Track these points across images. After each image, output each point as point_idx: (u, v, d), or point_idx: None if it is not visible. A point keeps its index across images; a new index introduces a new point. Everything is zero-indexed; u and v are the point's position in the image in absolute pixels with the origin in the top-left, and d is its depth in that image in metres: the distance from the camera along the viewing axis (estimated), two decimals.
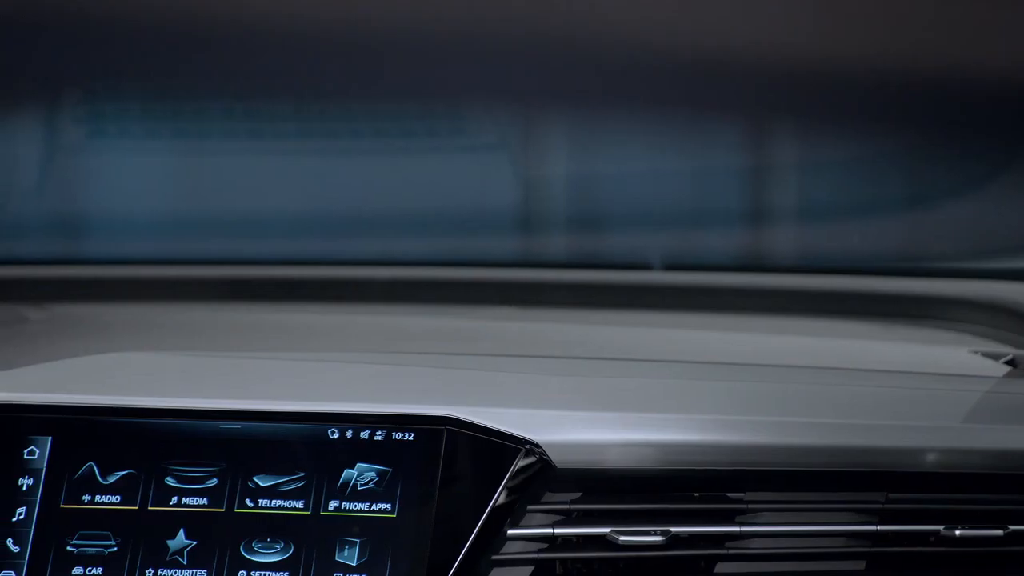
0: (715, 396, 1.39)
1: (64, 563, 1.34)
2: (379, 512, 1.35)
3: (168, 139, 1.93)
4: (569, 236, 1.94)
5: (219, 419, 1.38)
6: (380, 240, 1.92)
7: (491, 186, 1.92)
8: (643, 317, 1.75)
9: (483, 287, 1.83)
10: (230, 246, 1.91)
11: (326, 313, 1.77)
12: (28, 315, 1.69)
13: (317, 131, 1.92)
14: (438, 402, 1.38)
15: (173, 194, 1.94)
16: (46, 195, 1.93)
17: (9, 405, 1.37)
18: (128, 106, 1.91)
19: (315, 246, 1.92)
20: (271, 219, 1.92)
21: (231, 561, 1.34)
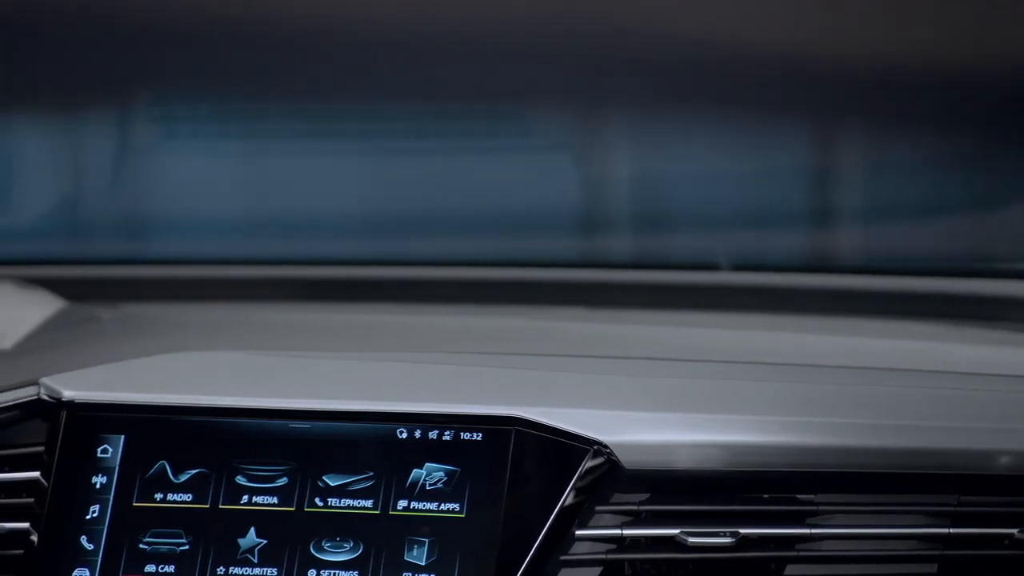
0: (785, 397, 1.38)
1: (137, 561, 1.33)
2: (447, 512, 1.34)
3: (237, 140, 1.93)
4: (634, 236, 1.93)
5: (289, 418, 1.37)
6: (446, 240, 1.92)
7: (556, 186, 1.91)
8: (710, 318, 1.73)
9: (549, 287, 1.82)
10: (298, 246, 1.91)
11: (393, 313, 1.77)
12: (101, 315, 1.69)
13: (382, 132, 1.92)
14: (506, 402, 1.36)
15: (242, 194, 1.94)
16: (118, 196, 1.93)
17: (83, 404, 1.37)
18: (199, 107, 1.92)
19: (381, 246, 1.92)
20: (338, 219, 1.92)
21: (301, 560, 1.33)
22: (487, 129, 1.92)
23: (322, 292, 1.85)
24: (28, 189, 1.93)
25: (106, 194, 1.94)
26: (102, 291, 1.81)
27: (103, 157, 1.92)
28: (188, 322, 1.67)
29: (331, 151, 1.93)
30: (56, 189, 1.94)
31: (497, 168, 1.92)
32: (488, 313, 1.76)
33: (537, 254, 1.90)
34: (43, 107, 1.90)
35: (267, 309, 1.79)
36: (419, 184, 1.93)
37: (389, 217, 1.92)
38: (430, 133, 1.92)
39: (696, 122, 1.86)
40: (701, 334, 1.62)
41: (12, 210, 1.93)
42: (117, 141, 1.92)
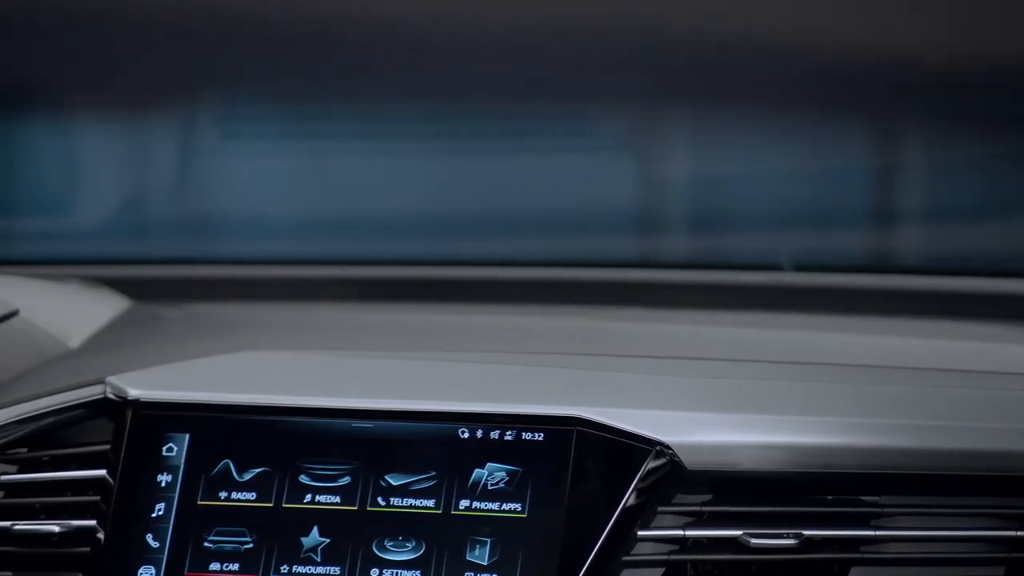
0: (848, 398, 1.36)
1: (202, 559, 1.33)
2: (509, 512, 1.33)
3: (297, 140, 1.94)
4: (694, 236, 1.91)
5: (352, 418, 1.37)
6: (505, 240, 1.91)
7: (614, 186, 1.90)
8: (771, 318, 1.71)
9: (610, 288, 1.81)
10: (358, 246, 1.91)
11: (452, 313, 1.76)
12: (165, 314, 1.69)
13: (443, 132, 1.92)
14: (568, 402, 1.35)
15: (305, 195, 1.94)
16: (181, 196, 1.94)
17: (148, 403, 1.37)
18: (260, 108, 1.92)
19: (442, 246, 1.92)
20: (399, 220, 1.92)
21: (364, 559, 1.33)
22: (545, 129, 1.91)
23: (382, 292, 1.84)
24: (94, 190, 1.94)
25: (170, 194, 1.94)
26: (166, 291, 1.82)
27: (166, 158, 1.93)
28: (252, 322, 1.67)
29: (390, 151, 1.93)
30: (121, 190, 1.94)
31: (555, 168, 1.91)
32: (548, 313, 1.75)
33: (596, 254, 1.89)
34: (109, 108, 1.91)
35: (329, 309, 1.79)
36: (477, 184, 1.92)
37: (449, 217, 1.92)
38: (488, 133, 1.92)
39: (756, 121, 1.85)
40: (762, 335, 1.60)
41: (79, 211, 1.94)
42: (180, 142, 1.93)
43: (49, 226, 1.94)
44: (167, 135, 1.91)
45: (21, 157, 1.93)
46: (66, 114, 1.92)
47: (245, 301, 1.81)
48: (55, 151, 1.94)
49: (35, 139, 1.94)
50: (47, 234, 1.94)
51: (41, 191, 1.95)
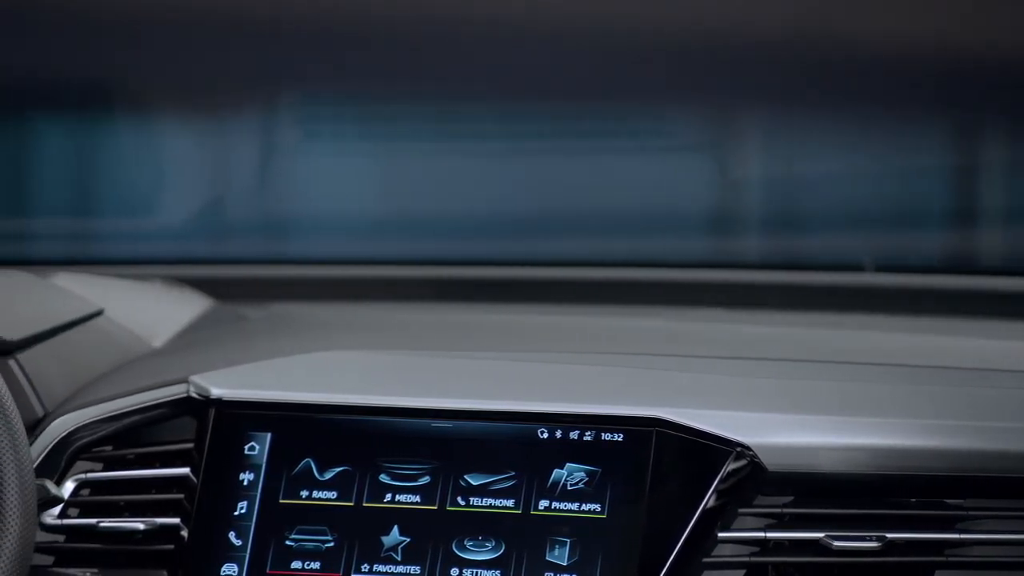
0: (930, 400, 1.34)
1: (283, 557, 1.33)
2: (589, 512, 1.32)
3: (377, 141, 1.93)
4: (773, 237, 1.89)
5: (432, 418, 1.36)
6: (583, 241, 1.90)
7: (694, 186, 1.88)
8: (852, 319, 1.69)
9: (688, 288, 1.79)
10: (439, 247, 1.90)
11: (531, 313, 1.75)
12: (248, 314, 1.69)
13: (518, 132, 1.91)
14: (647, 403, 1.34)
15: (384, 195, 1.94)
16: (263, 196, 1.94)
17: (231, 402, 1.37)
18: (339, 109, 1.92)
19: (521, 247, 1.91)
20: (478, 220, 1.91)
21: (444, 558, 1.32)
22: (620, 129, 1.89)
23: (461, 292, 1.84)
24: (177, 190, 1.95)
25: (250, 194, 1.95)
26: (248, 290, 1.82)
27: (247, 158, 1.93)
28: (333, 321, 1.67)
29: (467, 152, 1.93)
30: (203, 190, 1.95)
31: (632, 168, 1.90)
32: (626, 314, 1.73)
33: (674, 255, 1.87)
34: (192, 109, 1.91)
35: (408, 309, 1.78)
36: (555, 184, 1.91)
37: (527, 217, 1.91)
38: (566, 133, 1.90)
39: (834, 121, 1.82)
40: (842, 336, 1.58)
41: (162, 211, 1.95)
42: (261, 142, 1.93)
43: (133, 226, 1.95)
44: (248, 135, 1.91)
45: (105, 158, 1.95)
46: (150, 115, 1.93)
47: (325, 301, 1.81)
48: (139, 152, 1.95)
49: (119, 140, 1.95)
50: (131, 234, 1.95)
51: (125, 192, 1.96)
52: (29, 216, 1.95)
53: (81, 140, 1.94)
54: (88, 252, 1.94)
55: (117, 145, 1.95)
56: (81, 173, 1.94)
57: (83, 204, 1.96)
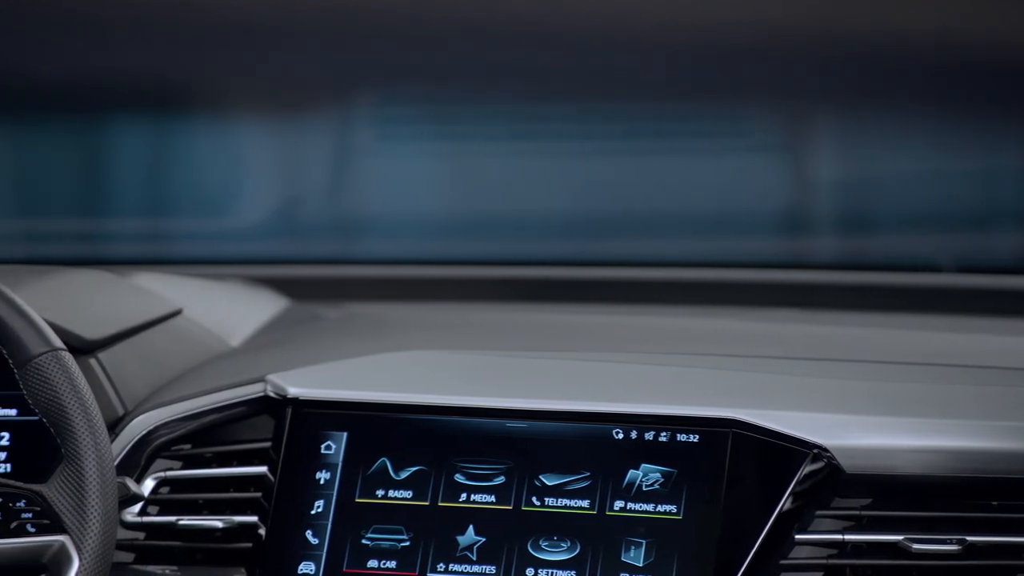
0: (1009, 402, 1.32)
1: (360, 555, 1.33)
2: (664, 513, 1.30)
3: (453, 141, 1.93)
4: (848, 237, 1.87)
5: (506, 418, 1.35)
6: (657, 241, 1.88)
7: (768, 187, 1.86)
8: (928, 320, 1.66)
9: (762, 289, 1.77)
10: (513, 247, 1.90)
11: (606, 314, 1.74)
12: (324, 314, 1.69)
13: (594, 132, 1.90)
14: (723, 404, 1.33)
15: (458, 195, 1.93)
16: (338, 196, 1.94)
17: (307, 401, 1.37)
18: (416, 109, 1.91)
19: (594, 247, 1.89)
20: (551, 220, 1.90)
21: (519, 558, 1.31)
22: (695, 129, 1.88)
23: (534, 292, 1.83)
24: (253, 190, 1.95)
25: (326, 195, 1.95)
26: (323, 290, 1.82)
27: (323, 159, 1.93)
28: (408, 321, 1.67)
29: (541, 152, 1.92)
30: (279, 190, 1.95)
31: (707, 168, 1.88)
32: (701, 314, 1.71)
33: (749, 255, 1.85)
34: (266, 110, 1.92)
35: (483, 309, 1.78)
36: (628, 184, 1.90)
37: (600, 217, 1.90)
38: (638, 133, 1.89)
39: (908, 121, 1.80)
40: (920, 337, 1.55)
41: (239, 211, 1.95)
42: (336, 143, 1.93)
43: (211, 226, 1.95)
44: (325, 135, 1.92)
45: (184, 159, 1.95)
46: (228, 116, 1.94)
47: (400, 301, 1.81)
48: (217, 152, 1.96)
49: (198, 141, 1.96)
50: (209, 234, 1.95)
51: (204, 192, 1.97)
52: (110, 216, 1.97)
53: (160, 141, 1.95)
54: (167, 252, 1.95)
55: (196, 146, 1.96)
56: (161, 174, 1.95)
57: (162, 204, 1.97)
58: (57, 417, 1.22)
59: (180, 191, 1.97)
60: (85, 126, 1.94)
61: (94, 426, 1.22)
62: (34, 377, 1.22)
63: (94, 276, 1.52)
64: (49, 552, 1.20)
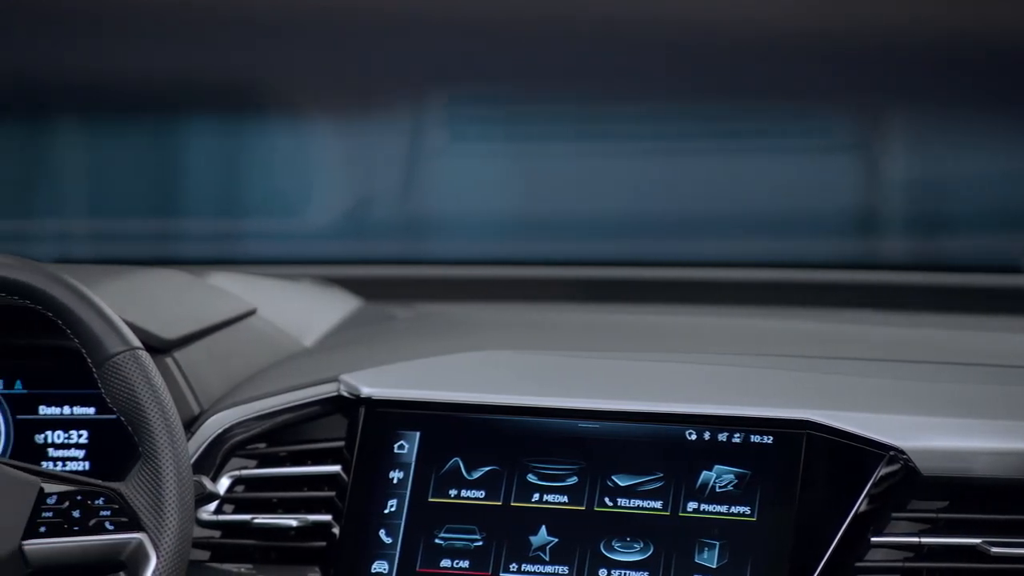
0: None
1: (433, 555, 1.32)
2: (738, 515, 1.29)
3: (525, 141, 1.92)
4: (924, 237, 1.84)
5: (578, 418, 1.35)
6: (726, 241, 1.87)
7: (840, 186, 1.84)
8: (1005, 321, 1.63)
9: (836, 290, 1.75)
10: (584, 247, 1.89)
11: (676, 314, 1.73)
12: (395, 313, 1.69)
13: (665, 132, 1.88)
14: (797, 405, 1.31)
15: (529, 195, 1.92)
16: (409, 196, 1.94)
17: (380, 401, 1.37)
18: (487, 109, 1.91)
19: (665, 247, 1.88)
20: (622, 220, 1.89)
21: (592, 559, 1.30)
22: (766, 128, 1.86)
23: (606, 292, 1.82)
24: (326, 191, 1.96)
25: (397, 195, 1.95)
26: (395, 290, 1.82)
27: (395, 159, 1.93)
28: (479, 321, 1.67)
29: (612, 152, 1.91)
30: (351, 190, 1.95)
31: (778, 168, 1.86)
32: (773, 315, 1.70)
33: (822, 255, 1.83)
34: (339, 110, 1.92)
35: (553, 309, 1.77)
36: (698, 184, 1.88)
37: (671, 217, 1.88)
38: (709, 133, 1.88)
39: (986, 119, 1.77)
40: (999, 338, 1.53)
41: (311, 211, 1.95)
42: (408, 143, 1.93)
43: (284, 226, 1.96)
44: (396, 136, 1.91)
45: (257, 159, 1.96)
46: (301, 116, 1.94)
47: (471, 301, 1.80)
48: (289, 153, 1.96)
49: (271, 142, 1.96)
50: (282, 234, 1.96)
51: (276, 192, 1.98)
52: (185, 216, 1.98)
53: (235, 141, 1.95)
54: (241, 252, 1.96)
55: (268, 146, 1.96)
56: (235, 174, 1.96)
57: (236, 204, 1.98)
58: (134, 416, 1.22)
59: (254, 191, 1.97)
60: (161, 127, 1.95)
61: (171, 425, 1.23)
62: (112, 376, 1.23)
63: (171, 276, 1.53)
64: (127, 550, 1.20)
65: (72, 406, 1.44)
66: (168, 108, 1.92)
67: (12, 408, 1.43)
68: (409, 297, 1.79)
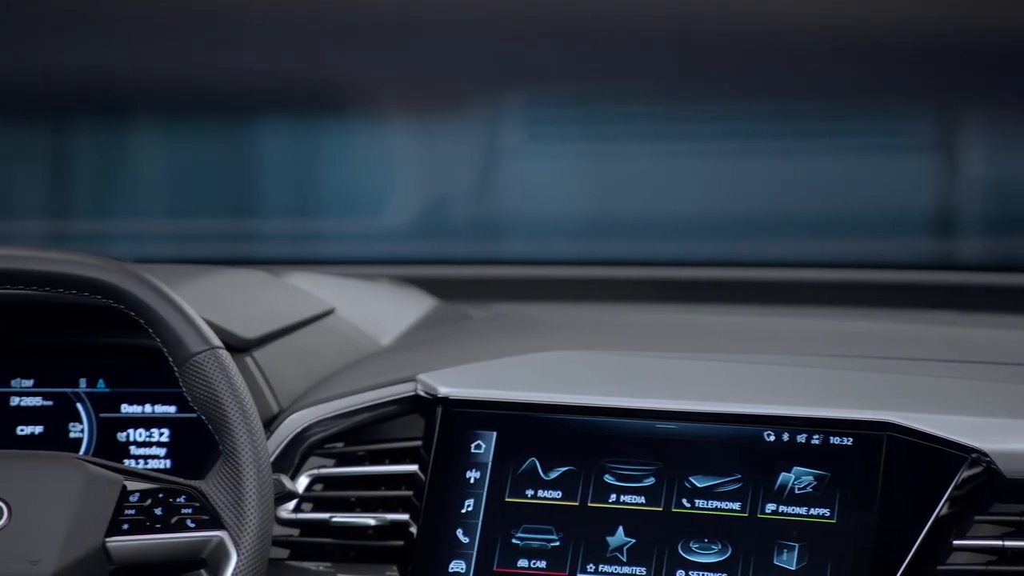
0: None
1: (510, 555, 1.32)
2: (817, 517, 1.28)
3: (599, 142, 1.91)
4: (1002, 238, 1.81)
5: (655, 419, 1.33)
6: (805, 241, 1.85)
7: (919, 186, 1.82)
8: None
9: (915, 290, 1.73)
10: (658, 247, 1.87)
11: (753, 315, 1.71)
12: (471, 313, 1.69)
13: (740, 132, 1.87)
14: (877, 407, 1.30)
15: (604, 195, 1.92)
16: (485, 197, 1.94)
17: (457, 400, 1.37)
18: (564, 109, 1.90)
19: (740, 247, 1.86)
20: (696, 220, 1.87)
21: (669, 560, 1.29)
22: (844, 128, 1.84)
23: (681, 293, 1.81)
24: (402, 191, 1.96)
25: (473, 195, 1.94)
26: (469, 290, 1.82)
27: (470, 159, 1.93)
28: (555, 321, 1.66)
29: (686, 152, 1.89)
30: (427, 191, 1.95)
31: (856, 168, 1.84)
32: (850, 316, 1.68)
33: (900, 256, 1.81)
34: (415, 111, 1.92)
35: (628, 310, 1.76)
36: (773, 185, 1.87)
37: (747, 218, 1.87)
38: (784, 133, 1.86)
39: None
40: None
41: (387, 212, 1.96)
42: (483, 143, 1.92)
43: (360, 227, 1.96)
44: (471, 137, 1.91)
45: (335, 160, 1.96)
46: (378, 117, 1.94)
47: (545, 301, 1.80)
48: (367, 154, 1.97)
49: (348, 142, 1.97)
50: (358, 234, 1.96)
51: (352, 192, 1.98)
52: (263, 216, 1.98)
53: (312, 142, 1.96)
54: (319, 252, 1.96)
55: (346, 147, 1.97)
56: (312, 175, 1.97)
57: (313, 205, 1.98)
58: (215, 414, 1.23)
59: (332, 191, 1.98)
60: (240, 127, 1.96)
61: (251, 424, 1.23)
62: (193, 375, 1.23)
63: (250, 276, 1.53)
64: (208, 547, 1.21)
65: (154, 405, 1.44)
66: (248, 109, 1.93)
67: (95, 407, 1.45)
68: (484, 297, 1.79)
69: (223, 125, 1.96)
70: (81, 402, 1.44)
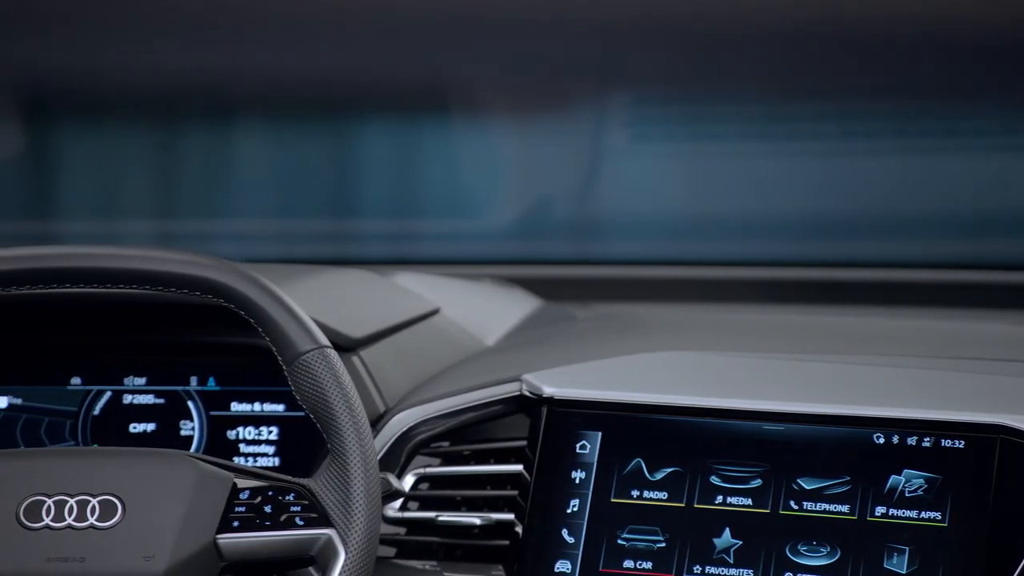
0: None
1: (615, 555, 1.31)
2: (929, 520, 1.25)
3: (703, 142, 1.90)
4: None
5: (762, 420, 1.32)
6: (905, 242, 1.82)
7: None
8: None
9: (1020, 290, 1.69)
10: (762, 247, 1.85)
11: (860, 315, 1.69)
12: (575, 313, 1.68)
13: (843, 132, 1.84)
14: (989, 409, 1.27)
15: (708, 195, 1.90)
16: (588, 197, 1.93)
17: (562, 400, 1.36)
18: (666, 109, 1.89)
19: (845, 248, 1.84)
20: (802, 220, 1.85)
21: (777, 562, 1.28)
22: (944, 128, 1.81)
23: (785, 293, 1.79)
24: (505, 191, 1.95)
25: (576, 195, 1.94)
26: (572, 290, 1.81)
27: (573, 159, 1.92)
28: (659, 322, 1.65)
29: (789, 152, 1.87)
30: (530, 191, 1.95)
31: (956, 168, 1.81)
32: (960, 317, 1.65)
33: (1006, 257, 1.77)
34: (517, 111, 1.91)
35: (733, 310, 1.75)
36: (878, 185, 1.84)
37: (853, 218, 1.84)
38: (888, 132, 1.83)
39: None
40: None
41: (491, 212, 1.95)
42: (587, 143, 1.91)
43: (465, 227, 1.96)
44: (574, 136, 1.90)
45: (439, 160, 1.97)
46: (482, 117, 1.94)
47: (648, 302, 1.78)
48: (470, 154, 1.97)
49: (452, 142, 1.97)
50: (463, 235, 1.96)
51: (456, 192, 1.98)
52: (368, 217, 1.99)
53: (416, 142, 1.96)
54: (423, 252, 1.97)
55: (450, 147, 1.97)
56: (416, 175, 1.97)
57: (418, 205, 1.99)
58: (323, 413, 1.23)
59: (436, 192, 1.98)
60: (345, 128, 1.97)
61: (358, 423, 1.23)
62: (301, 374, 1.23)
63: (357, 276, 1.54)
64: (317, 545, 1.21)
65: (263, 403, 1.45)
66: (354, 109, 1.94)
67: (205, 405, 1.46)
68: (588, 297, 1.78)
69: (329, 125, 1.96)
70: (192, 400, 1.46)
